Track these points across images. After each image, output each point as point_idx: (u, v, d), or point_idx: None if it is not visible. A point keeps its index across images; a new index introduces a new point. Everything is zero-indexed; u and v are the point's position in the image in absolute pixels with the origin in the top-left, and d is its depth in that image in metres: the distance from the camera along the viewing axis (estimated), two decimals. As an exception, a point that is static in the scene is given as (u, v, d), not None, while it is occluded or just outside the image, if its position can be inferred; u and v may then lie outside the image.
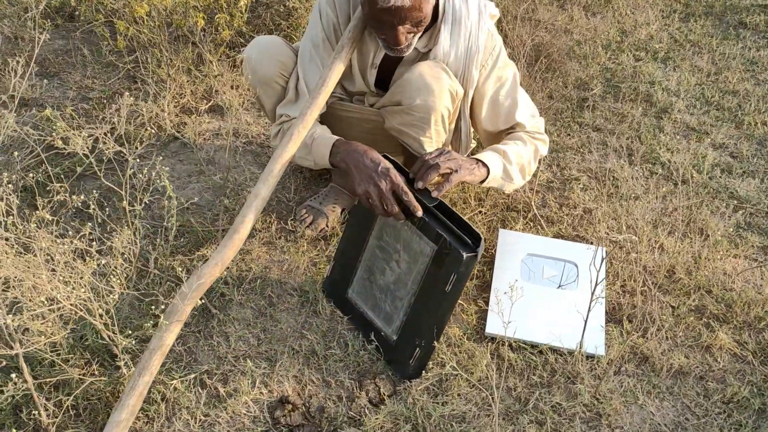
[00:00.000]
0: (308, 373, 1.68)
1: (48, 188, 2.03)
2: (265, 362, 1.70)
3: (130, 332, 1.52)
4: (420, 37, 1.74)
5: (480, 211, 2.12)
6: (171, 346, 1.70)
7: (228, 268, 1.90)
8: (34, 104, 2.50)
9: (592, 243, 2.03)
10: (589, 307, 1.62)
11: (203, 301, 1.53)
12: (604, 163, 2.35)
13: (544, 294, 1.86)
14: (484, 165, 1.74)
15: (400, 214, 1.61)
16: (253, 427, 1.56)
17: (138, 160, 2.05)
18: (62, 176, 2.16)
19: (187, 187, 2.20)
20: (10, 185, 1.38)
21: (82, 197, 1.46)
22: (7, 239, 1.41)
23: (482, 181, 1.75)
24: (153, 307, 1.50)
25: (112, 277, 1.34)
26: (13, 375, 1.39)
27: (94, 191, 1.73)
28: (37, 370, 1.61)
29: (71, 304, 1.26)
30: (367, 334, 1.74)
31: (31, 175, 1.95)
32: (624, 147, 2.43)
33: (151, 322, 1.49)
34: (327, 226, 2.02)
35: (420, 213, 1.58)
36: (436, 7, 1.71)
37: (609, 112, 2.61)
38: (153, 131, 2.17)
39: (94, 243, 1.41)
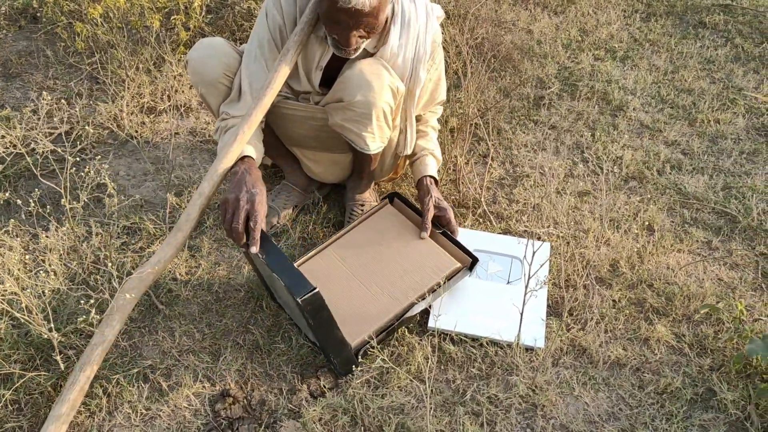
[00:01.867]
0: (251, 367, 1.71)
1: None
2: (209, 356, 1.72)
3: (57, 326, 1.54)
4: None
5: (431, 208, 2.15)
6: (115, 342, 1.73)
7: (176, 264, 1.92)
8: (-5, 105, 2.53)
9: (539, 238, 2.06)
10: (524, 300, 1.65)
11: (132, 295, 1.54)
12: (557, 160, 2.39)
13: (490, 289, 1.89)
14: (433, 178, 1.98)
15: (239, 239, 1.56)
16: (193, 421, 1.59)
17: (79, 159, 2.07)
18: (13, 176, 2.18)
19: (143, 185, 2.22)
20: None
21: (8, 194, 1.48)
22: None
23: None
24: (83, 302, 1.52)
25: (42, 273, 1.36)
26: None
27: (37, 189, 1.75)
28: (-21, 366, 1.63)
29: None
30: (305, 334, 1.77)
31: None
32: (578, 144, 2.47)
33: (82, 317, 1.51)
34: (278, 223, 2.05)
35: (254, 250, 1.54)
36: None
37: (565, 110, 2.65)
38: (93, 131, 2.20)
39: (19, 238, 1.43)
